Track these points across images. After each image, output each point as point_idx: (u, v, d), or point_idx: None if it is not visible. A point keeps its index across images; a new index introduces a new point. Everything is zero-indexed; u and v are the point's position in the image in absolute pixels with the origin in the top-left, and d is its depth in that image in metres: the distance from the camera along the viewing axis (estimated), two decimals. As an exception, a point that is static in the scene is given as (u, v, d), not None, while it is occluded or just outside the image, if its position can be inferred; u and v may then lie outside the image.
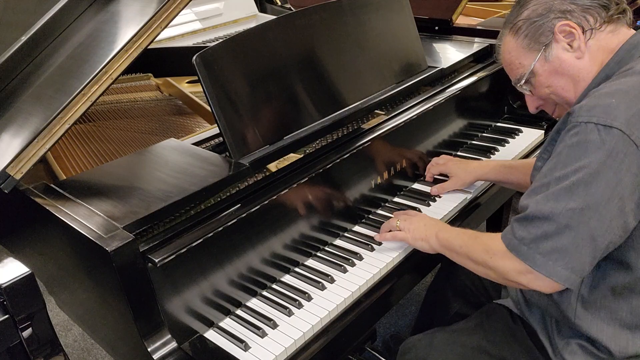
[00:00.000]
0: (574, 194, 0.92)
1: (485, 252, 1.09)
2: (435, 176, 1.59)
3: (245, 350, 1.08)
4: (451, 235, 1.21)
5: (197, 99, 1.77)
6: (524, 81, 1.14)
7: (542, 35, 1.07)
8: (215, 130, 1.41)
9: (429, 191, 1.54)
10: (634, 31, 1.07)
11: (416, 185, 1.60)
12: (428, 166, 1.59)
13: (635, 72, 0.97)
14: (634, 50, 1.02)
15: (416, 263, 1.33)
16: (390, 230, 1.33)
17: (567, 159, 0.94)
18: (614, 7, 1.05)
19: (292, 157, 1.31)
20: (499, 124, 1.92)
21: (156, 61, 2.03)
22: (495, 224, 2.32)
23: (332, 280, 1.24)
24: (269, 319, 1.14)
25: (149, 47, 1.20)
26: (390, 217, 1.38)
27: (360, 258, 1.30)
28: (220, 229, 1.10)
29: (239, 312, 1.19)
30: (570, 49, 1.06)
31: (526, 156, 1.76)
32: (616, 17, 1.05)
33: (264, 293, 1.23)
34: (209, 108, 1.25)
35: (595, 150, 0.91)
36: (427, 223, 1.29)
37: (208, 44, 1.77)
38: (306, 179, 1.26)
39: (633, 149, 0.90)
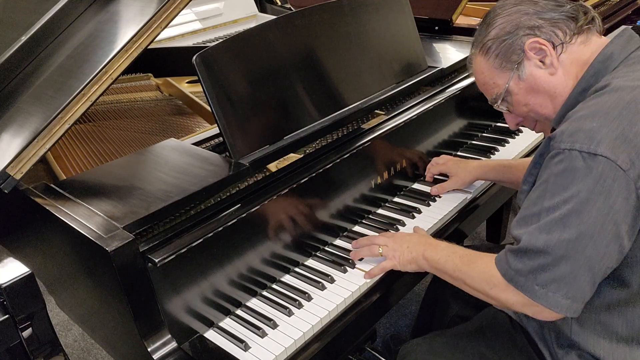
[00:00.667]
0: (566, 224, 0.90)
1: (484, 282, 1.06)
2: (436, 176, 1.59)
3: (245, 350, 1.08)
4: (441, 257, 1.16)
5: (197, 99, 1.77)
6: (500, 100, 1.12)
7: (513, 54, 1.06)
8: (215, 130, 1.42)
9: (429, 191, 1.54)
10: (605, 39, 1.05)
11: (416, 185, 1.60)
12: (428, 166, 1.59)
13: (613, 90, 0.94)
14: (608, 61, 1.00)
15: (416, 263, 1.33)
16: (372, 255, 1.26)
17: (554, 187, 0.92)
18: (583, 18, 1.04)
19: (292, 157, 1.31)
20: (499, 124, 1.92)
21: (156, 61, 2.03)
22: (495, 224, 2.33)
23: (332, 280, 1.24)
24: (269, 319, 1.14)
25: (149, 47, 1.20)
26: (380, 227, 1.35)
27: (361, 258, 1.30)
28: (220, 229, 1.10)
29: (239, 312, 1.19)
30: (543, 65, 1.04)
31: (526, 156, 1.76)
32: (586, 28, 1.04)
33: (264, 293, 1.23)
34: (209, 108, 1.25)
35: (583, 178, 0.89)
36: (410, 244, 1.23)
37: (208, 44, 1.77)
38: (306, 179, 1.26)
39: (620, 174, 0.87)
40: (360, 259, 1.28)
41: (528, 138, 1.80)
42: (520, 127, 1.84)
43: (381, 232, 1.36)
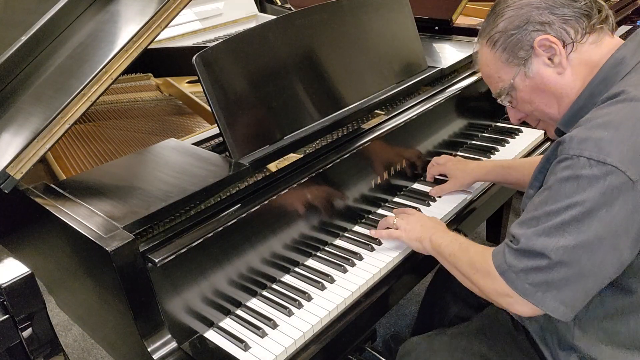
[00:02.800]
0: (565, 231, 0.89)
1: (469, 266, 1.08)
2: (436, 176, 1.59)
3: (245, 350, 1.08)
4: (444, 242, 1.19)
5: (197, 99, 1.77)
6: (504, 95, 1.10)
7: (521, 50, 1.03)
8: (215, 130, 1.42)
9: (428, 191, 1.54)
10: (617, 40, 1.02)
11: (416, 185, 1.60)
12: (428, 166, 1.58)
13: (627, 99, 0.91)
14: (619, 66, 0.97)
15: (416, 263, 1.33)
16: (387, 228, 1.33)
17: (558, 193, 0.91)
18: (596, 16, 0.99)
19: (292, 157, 1.31)
20: (499, 124, 1.92)
21: (156, 61, 2.03)
22: (495, 224, 2.33)
23: (332, 280, 1.24)
24: (269, 319, 1.14)
25: (149, 47, 1.20)
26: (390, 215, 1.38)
27: (360, 258, 1.30)
28: (220, 229, 1.10)
29: (239, 312, 1.19)
30: (551, 63, 1.01)
31: (526, 156, 1.76)
32: (599, 27, 1.00)
33: (264, 293, 1.23)
34: (209, 108, 1.25)
35: (588, 187, 0.87)
36: (424, 224, 1.28)
37: (208, 44, 1.77)
38: (306, 179, 1.26)
39: (629, 185, 0.85)
40: (379, 242, 1.34)
41: (528, 138, 1.80)
42: (521, 127, 1.86)
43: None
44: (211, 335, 1.14)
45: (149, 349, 1.04)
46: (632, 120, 0.88)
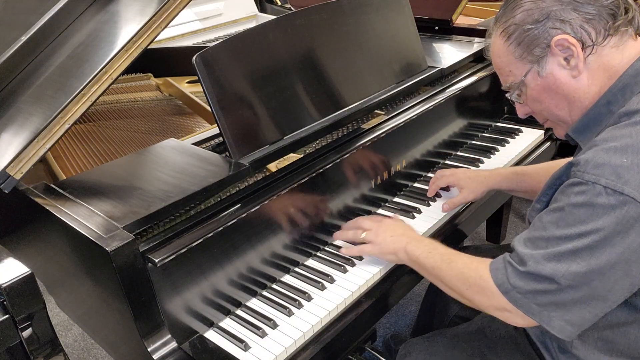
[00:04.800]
0: (578, 257, 0.86)
1: (460, 281, 1.05)
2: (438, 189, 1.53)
3: (245, 350, 1.08)
4: (421, 252, 1.15)
5: (197, 99, 1.77)
6: (514, 90, 1.04)
7: (537, 47, 0.95)
8: (215, 130, 1.42)
9: (441, 206, 1.47)
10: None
11: (416, 185, 1.60)
12: (433, 179, 1.51)
13: None
14: None
15: (416, 263, 1.33)
16: (356, 242, 1.28)
17: (571, 218, 0.87)
18: (622, 17, 0.91)
19: (292, 157, 1.31)
20: (499, 124, 1.92)
21: (156, 61, 2.03)
22: (495, 224, 2.33)
23: (332, 280, 1.24)
24: (269, 319, 1.14)
25: (149, 47, 1.20)
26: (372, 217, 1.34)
27: (361, 258, 1.30)
28: (220, 229, 1.10)
29: (239, 312, 1.19)
30: (567, 65, 0.95)
31: (526, 156, 1.76)
32: (623, 30, 0.93)
33: (264, 293, 1.23)
34: (209, 108, 1.25)
35: (604, 215, 0.84)
36: (393, 234, 1.22)
37: (208, 44, 1.77)
38: (306, 179, 1.26)
39: None
40: (360, 258, 1.28)
41: (528, 138, 1.80)
42: (521, 127, 1.86)
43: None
44: (211, 335, 1.14)
45: (149, 349, 1.04)
46: None
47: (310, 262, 1.32)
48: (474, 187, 1.44)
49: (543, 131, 1.84)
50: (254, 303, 1.21)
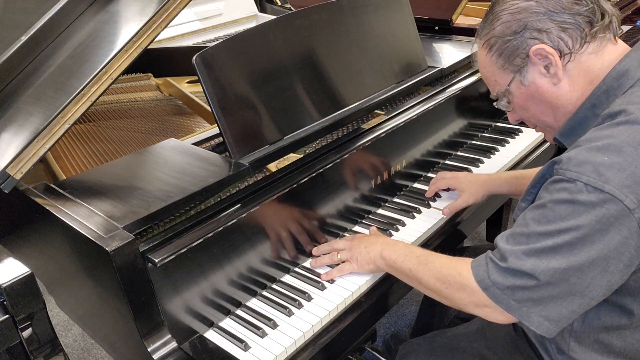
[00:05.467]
0: (557, 253, 0.87)
1: (438, 281, 1.05)
2: (436, 192, 1.52)
3: (245, 350, 1.08)
4: (398, 257, 1.15)
5: (197, 99, 1.77)
6: (501, 98, 1.07)
7: (516, 57, 0.99)
8: (215, 130, 1.42)
9: (441, 210, 1.47)
10: (621, 47, 0.98)
11: (416, 185, 1.60)
12: (433, 180, 1.52)
13: (630, 122, 0.88)
14: (622, 79, 0.94)
15: (416, 263, 1.33)
16: (332, 262, 1.26)
17: (552, 214, 0.89)
18: (599, 23, 0.93)
19: (292, 157, 1.31)
20: (499, 124, 1.92)
21: (156, 61, 2.03)
22: (495, 224, 2.33)
23: (332, 281, 1.24)
24: (269, 319, 1.14)
25: (149, 47, 1.20)
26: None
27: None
28: (220, 229, 1.10)
29: (239, 312, 1.19)
30: (547, 73, 0.97)
31: (526, 156, 1.76)
32: (600, 36, 0.95)
33: (264, 293, 1.23)
34: (209, 108, 1.25)
35: (584, 212, 0.85)
36: (367, 244, 1.22)
37: (208, 44, 1.77)
38: (306, 179, 1.26)
39: (625, 214, 0.83)
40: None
41: (528, 138, 1.80)
42: (521, 128, 1.86)
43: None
44: (211, 335, 1.14)
45: (149, 349, 1.04)
46: (634, 145, 0.86)
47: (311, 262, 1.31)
48: (475, 190, 1.44)
49: (543, 131, 1.84)
50: (254, 303, 1.21)
